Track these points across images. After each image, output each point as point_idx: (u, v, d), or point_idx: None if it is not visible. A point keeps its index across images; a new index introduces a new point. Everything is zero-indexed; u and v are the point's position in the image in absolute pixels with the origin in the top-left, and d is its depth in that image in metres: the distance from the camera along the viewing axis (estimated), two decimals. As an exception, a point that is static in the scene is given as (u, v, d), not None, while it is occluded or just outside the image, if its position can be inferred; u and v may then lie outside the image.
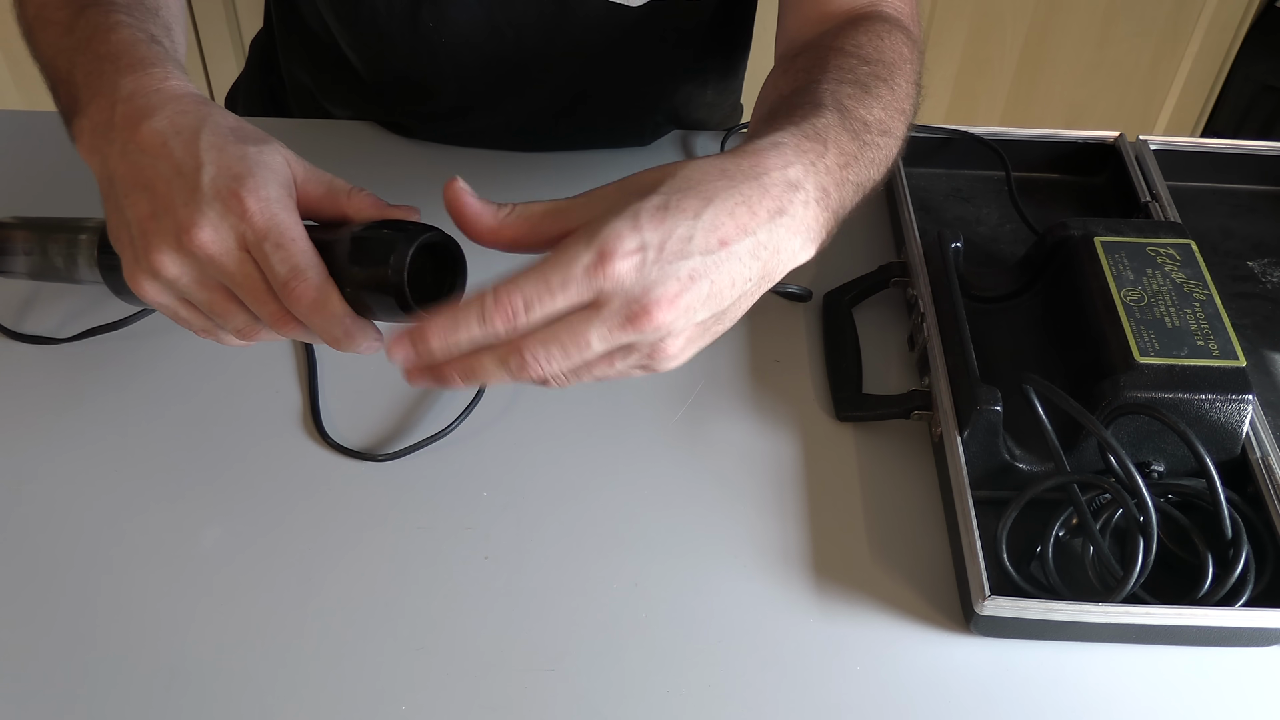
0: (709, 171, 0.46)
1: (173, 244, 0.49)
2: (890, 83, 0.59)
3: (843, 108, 0.54)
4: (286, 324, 0.50)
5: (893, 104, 0.58)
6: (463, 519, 0.61)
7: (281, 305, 0.49)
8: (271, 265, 0.48)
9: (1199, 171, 0.82)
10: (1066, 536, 0.59)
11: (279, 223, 0.48)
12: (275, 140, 0.52)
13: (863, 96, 0.56)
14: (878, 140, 0.55)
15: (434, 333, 0.45)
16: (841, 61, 0.59)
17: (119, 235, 0.52)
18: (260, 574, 0.58)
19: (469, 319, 0.44)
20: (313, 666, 0.54)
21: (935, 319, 0.66)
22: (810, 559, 0.60)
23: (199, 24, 1.68)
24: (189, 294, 0.51)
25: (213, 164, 0.49)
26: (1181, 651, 0.56)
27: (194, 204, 0.48)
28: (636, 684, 0.54)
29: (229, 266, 0.49)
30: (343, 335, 0.50)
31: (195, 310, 0.52)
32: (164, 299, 0.52)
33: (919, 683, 0.55)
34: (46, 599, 0.57)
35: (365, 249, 0.50)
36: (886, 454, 0.65)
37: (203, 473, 0.62)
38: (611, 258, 0.43)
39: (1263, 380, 0.68)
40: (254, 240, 0.48)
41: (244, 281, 0.49)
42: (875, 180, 0.56)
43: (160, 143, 0.50)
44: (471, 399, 0.66)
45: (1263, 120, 1.72)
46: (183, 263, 0.49)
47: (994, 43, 1.69)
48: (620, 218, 0.44)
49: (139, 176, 0.50)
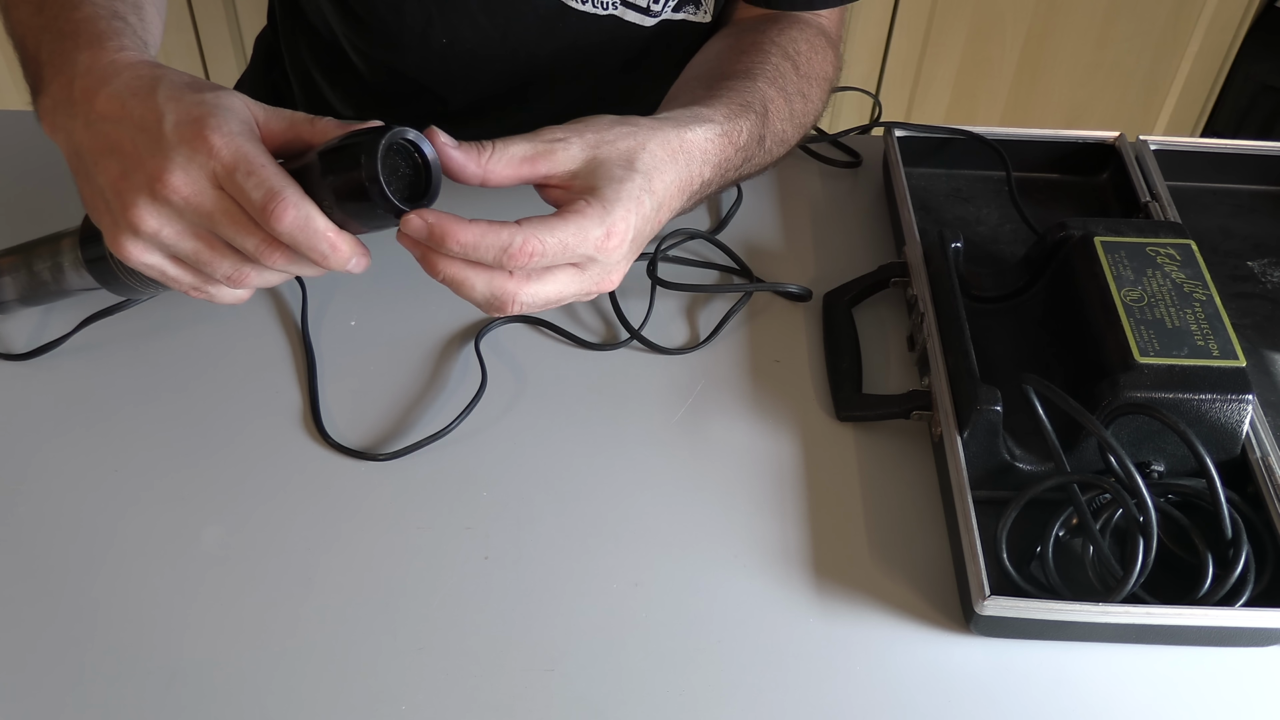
0: (667, 150, 0.56)
1: (147, 195, 0.49)
2: (807, 98, 0.71)
3: (766, 114, 0.65)
4: (272, 252, 0.50)
5: (802, 118, 0.71)
6: (463, 519, 0.61)
7: (265, 232, 0.50)
8: (246, 193, 0.49)
9: (1199, 171, 0.82)
10: (1066, 536, 0.59)
11: (245, 152, 0.49)
12: (229, 89, 0.53)
13: (783, 107, 0.68)
14: (773, 148, 0.68)
15: (453, 239, 0.48)
16: (780, 64, 0.69)
17: (95, 205, 0.52)
18: (260, 574, 0.58)
19: (491, 245, 0.49)
20: (313, 666, 0.54)
21: (935, 319, 0.66)
22: (810, 559, 0.60)
23: (199, 24, 1.68)
24: (173, 246, 0.51)
25: (172, 112, 0.50)
26: (1181, 651, 0.56)
27: (160, 153, 0.49)
28: (636, 684, 0.54)
29: (205, 205, 0.49)
30: (329, 250, 0.50)
31: (183, 266, 0.53)
32: (150, 258, 0.52)
33: (919, 683, 0.55)
34: (45, 598, 0.57)
35: (335, 158, 0.50)
36: (886, 454, 0.65)
37: (202, 472, 0.62)
38: (614, 236, 0.51)
39: (1263, 380, 0.68)
40: (225, 173, 0.49)
41: (222, 217, 0.49)
42: (753, 175, 0.68)
43: (119, 105, 0.51)
44: (471, 399, 0.66)
45: (1263, 120, 1.72)
46: (160, 212, 0.50)
47: (994, 43, 1.69)
48: (622, 199, 0.52)
49: (105, 142, 0.51)
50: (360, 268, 0.52)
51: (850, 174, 0.85)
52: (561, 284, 0.52)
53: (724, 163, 0.61)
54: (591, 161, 0.53)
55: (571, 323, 0.72)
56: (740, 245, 0.77)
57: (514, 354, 0.70)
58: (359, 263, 0.52)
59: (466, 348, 0.70)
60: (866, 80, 1.75)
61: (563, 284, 0.52)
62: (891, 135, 0.80)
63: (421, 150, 0.51)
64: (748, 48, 0.70)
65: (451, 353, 0.70)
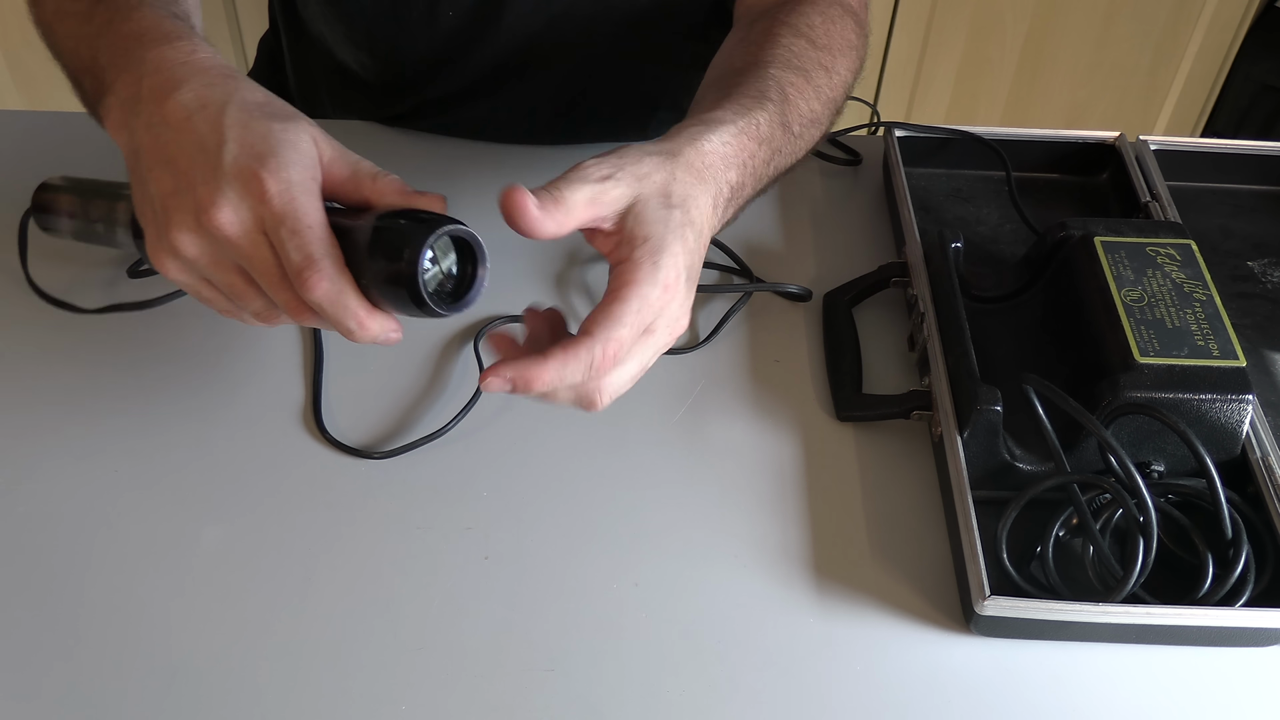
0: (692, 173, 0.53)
1: (192, 223, 0.48)
2: (831, 70, 0.66)
3: (784, 98, 0.61)
4: (301, 312, 0.50)
5: (828, 93, 0.65)
6: (462, 519, 0.61)
7: (296, 293, 0.49)
8: (287, 251, 0.47)
9: (1199, 171, 0.82)
10: (1066, 536, 0.59)
11: (297, 207, 0.47)
12: (304, 117, 0.51)
13: (804, 87, 0.63)
14: (805, 132, 0.63)
15: (538, 381, 0.47)
16: (792, 43, 0.65)
17: (143, 210, 0.51)
18: (260, 574, 0.58)
19: (575, 369, 0.47)
20: (312, 666, 0.54)
21: (935, 319, 0.66)
22: (810, 559, 0.60)
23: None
24: (208, 274, 0.50)
25: (235, 141, 0.48)
26: (1181, 651, 0.56)
27: (214, 182, 0.47)
28: (636, 684, 0.54)
29: (245, 249, 0.48)
30: (356, 327, 0.49)
31: (216, 291, 0.52)
32: (185, 277, 0.51)
33: (919, 682, 0.55)
34: (46, 598, 0.57)
35: (382, 240, 0.48)
36: (886, 454, 0.65)
37: (202, 470, 0.62)
38: (671, 288, 0.49)
39: (1263, 380, 0.68)
40: (271, 224, 0.47)
41: (259, 266, 0.49)
42: (794, 164, 0.64)
43: (185, 117, 0.49)
44: (470, 398, 0.66)
45: (1263, 120, 1.72)
46: (201, 243, 0.49)
47: (994, 43, 1.69)
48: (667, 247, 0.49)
49: (162, 151, 0.49)
50: (391, 343, 0.51)
51: (850, 174, 0.85)
52: (639, 357, 0.50)
53: (749, 160, 0.58)
54: (636, 201, 0.50)
55: (571, 322, 0.72)
56: (740, 245, 0.77)
57: (514, 354, 0.70)
58: (389, 339, 0.50)
59: (466, 347, 0.70)
60: (866, 80, 1.74)
61: (640, 356, 0.50)
62: (891, 135, 0.80)
63: (471, 245, 0.50)
64: (757, 38, 0.67)
65: (451, 352, 0.70)
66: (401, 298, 0.48)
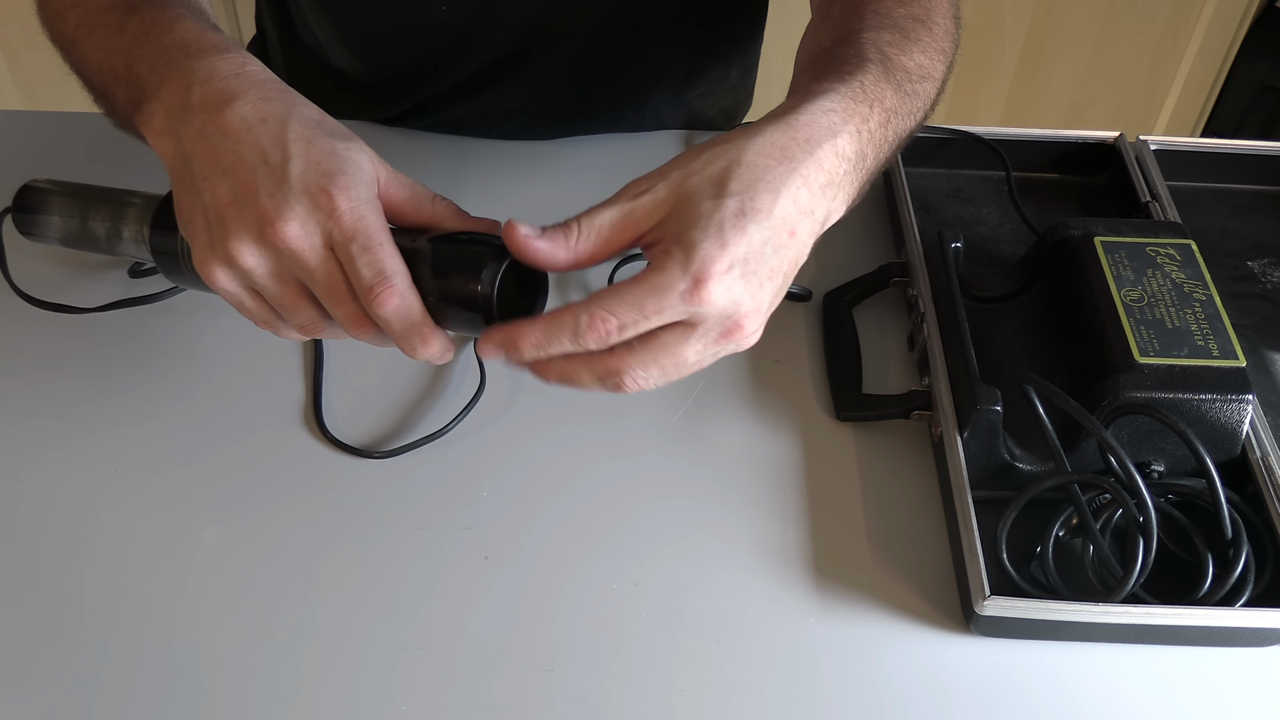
0: (770, 153, 0.47)
1: (254, 234, 0.48)
2: (928, 23, 0.60)
3: (885, 58, 0.55)
4: (361, 326, 0.49)
5: (932, 45, 0.59)
6: (463, 519, 0.61)
7: (358, 307, 0.49)
8: (357, 268, 0.47)
9: (1199, 171, 0.82)
10: (1066, 536, 0.59)
11: (368, 225, 0.47)
12: (358, 138, 0.51)
13: (903, 42, 0.57)
14: (918, 88, 0.56)
15: (525, 342, 0.46)
16: (878, 6, 0.59)
17: (192, 218, 0.50)
18: (260, 573, 0.58)
19: (560, 334, 0.45)
20: (313, 666, 0.54)
21: (935, 319, 0.66)
22: (810, 559, 0.60)
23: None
24: (262, 285, 0.50)
25: (301, 157, 0.48)
26: (1181, 651, 0.56)
27: (281, 196, 0.47)
28: (636, 684, 0.54)
29: (311, 264, 0.48)
30: (420, 344, 0.49)
31: (262, 302, 0.51)
32: (233, 287, 0.50)
33: (919, 683, 0.55)
34: (46, 598, 0.57)
35: (454, 261, 0.49)
36: (886, 454, 0.65)
37: (203, 469, 0.62)
38: (706, 282, 0.44)
39: (1263, 380, 0.68)
40: (341, 241, 0.47)
41: (324, 280, 0.48)
42: (913, 127, 0.57)
43: (244, 129, 0.49)
44: (471, 398, 0.66)
45: (1263, 120, 1.72)
46: (261, 254, 0.48)
47: (994, 43, 1.69)
48: (707, 237, 0.44)
49: (219, 160, 0.49)
50: (443, 360, 0.51)
51: (850, 174, 0.85)
52: (676, 349, 0.46)
53: (861, 126, 0.51)
54: (679, 201, 0.46)
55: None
56: (740, 245, 0.77)
57: (514, 354, 0.70)
58: (445, 358, 0.50)
59: (466, 347, 0.70)
60: (866, 80, 1.74)
61: (678, 348, 0.46)
62: (891, 135, 0.80)
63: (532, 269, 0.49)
64: (839, 14, 0.61)
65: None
66: (472, 319, 0.49)
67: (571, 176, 0.82)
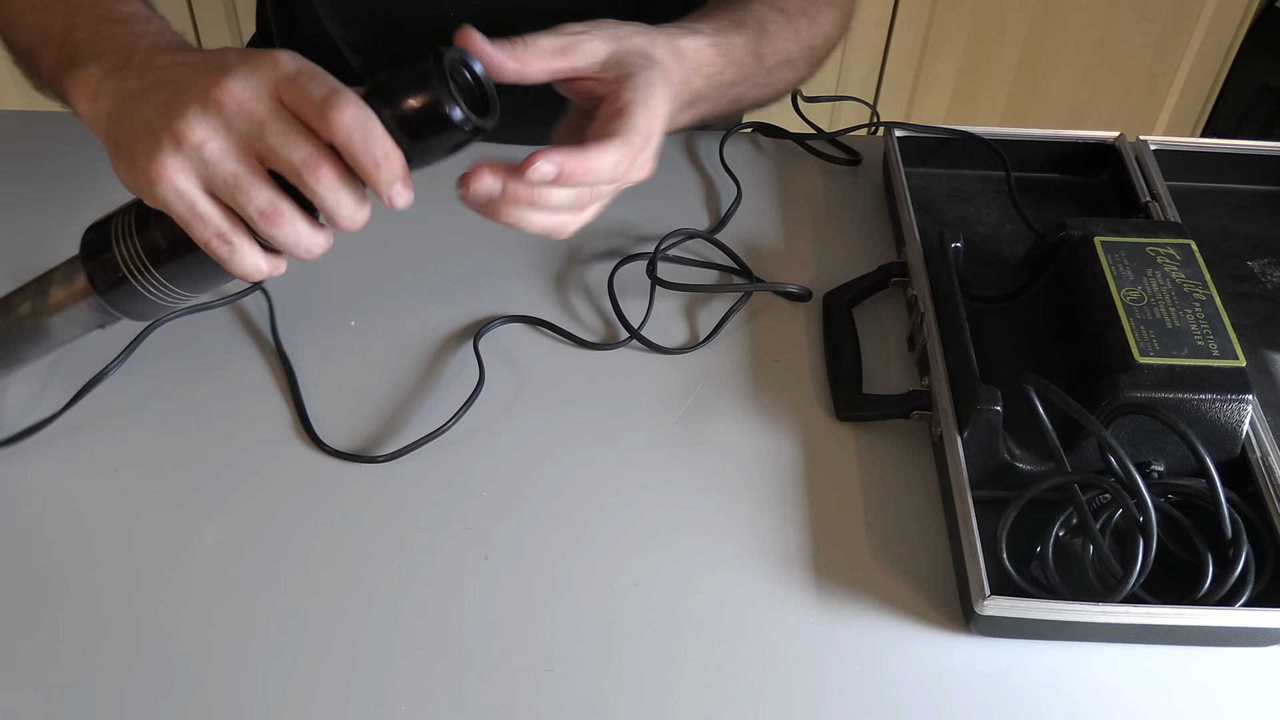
0: (668, 51, 0.58)
1: (199, 104, 0.47)
2: (813, 19, 0.71)
3: (763, 31, 0.66)
4: (319, 163, 0.48)
5: (807, 39, 0.70)
6: (463, 519, 0.61)
7: (316, 144, 0.48)
8: (308, 92, 0.47)
9: (1199, 171, 0.82)
10: (1066, 536, 0.59)
11: (310, 64, 0.48)
12: None
13: (783, 25, 0.68)
14: (777, 69, 0.68)
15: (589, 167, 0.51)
16: None
17: (134, 136, 0.49)
18: (261, 576, 0.58)
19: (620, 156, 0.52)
20: (313, 667, 0.54)
21: (935, 319, 0.66)
22: (810, 559, 0.60)
23: (199, 24, 1.68)
24: (214, 165, 0.48)
25: (235, 53, 0.50)
26: (1181, 651, 0.56)
27: (220, 70, 0.48)
28: (636, 684, 0.54)
29: (261, 113, 0.47)
30: (382, 158, 0.48)
31: (216, 205, 0.49)
32: (186, 185, 0.48)
33: (919, 683, 0.55)
34: (46, 599, 0.57)
35: (395, 82, 0.48)
36: (886, 454, 0.65)
37: (202, 480, 0.62)
38: (653, 140, 0.54)
39: (1263, 380, 0.68)
40: (287, 80, 0.48)
41: (276, 122, 0.48)
42: (760, 100, 0.70)
43: (181, 59, 0.50)
44: (469, 397, 0.66)
45: (1263, 120, 1.72)
46: (209, 122, 0.48)
47: (994, 43, 1.69)
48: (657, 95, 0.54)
49: (160, 79, 0.49)
50: (404, 200, 0.49)
51: (850, 173, 0.85)
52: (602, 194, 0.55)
53: (716, 75, 0.62)
54: (616, 53, 0.54)
55: (571, 322, 0.72)
56: (740, 245, 0.77)
57: (513, 353, 0.70)
58: (403, 191, 0.49)
59: (464, 347, 0.70)
60: (867, 80, 1.75)
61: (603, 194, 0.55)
62: (891, 135, 0.80)
63: (471, 68, 0.50)
64: None
65: (450, 353, 0.70)
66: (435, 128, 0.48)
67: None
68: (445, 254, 0.76)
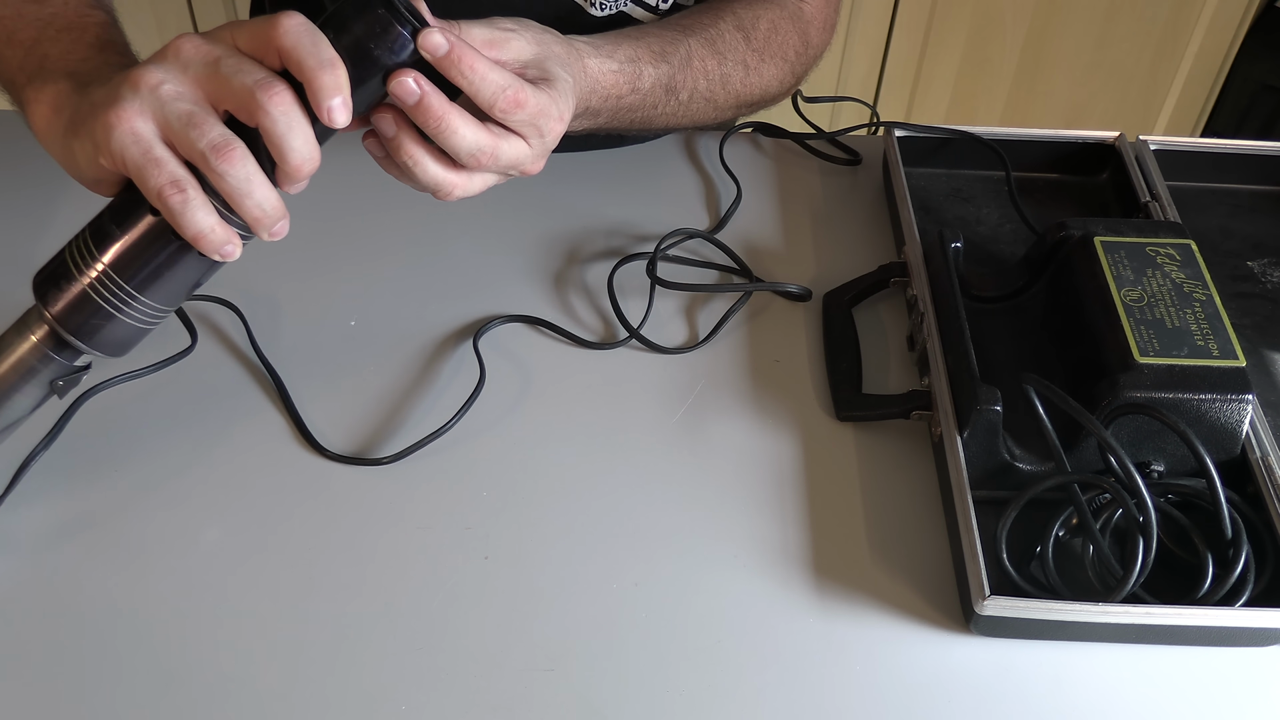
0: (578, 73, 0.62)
1: (158, 57, 0.50)
2: (754, 71, 0.74)
3: (688, 67, 0.70)
4: (271, 85, 0.48)
5: (741, 89, 0.74)
6: (463, 519, 0.61)
7: (266, 71, 0.49)
8: (258, 26, 0.49)
9: (1199, 171, 0.82)
10: (1066, 536, 0.59)
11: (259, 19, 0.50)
12: None
13: (714, 69, 0.72)
14: (694, 105, 0.72)
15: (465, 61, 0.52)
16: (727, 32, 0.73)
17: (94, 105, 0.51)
18: (261, 578, 0.58)
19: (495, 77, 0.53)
20: (313, 667, 0.54)
21: (935, 319, 0.66)
22: (810, 559, 0.60)
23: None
24: (168, 106, 0.49)
25: None
26: (1181, 651, 0.56)
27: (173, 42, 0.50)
28: (636, 684, 0.54)
29: (215, 51, 0.49)
30: (330, 64, 0.48)
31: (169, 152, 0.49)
32: (141, 125, 0.49)
33: (919, 683, 0.55)
34: (45, 600, 0.57)
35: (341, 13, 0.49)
36: (886, 454, 0.65)
37: (202, 488, 0.62)
38: (546, 138, 0.56)
39: (1263, 380, 0.68)
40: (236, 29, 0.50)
41: (230, 56, 0.49)
42: (673, 127, 0.74)
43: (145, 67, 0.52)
44: (469, 397, 0.66)
45: (1263, 120, 1.72)
46: (166, 67, 0.49)
47: (994, 43, 1.69)
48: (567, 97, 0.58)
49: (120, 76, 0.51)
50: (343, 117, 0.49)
51: (850, 173, 0.85)
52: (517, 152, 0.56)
53: (617, 99, 0.66)
54: (539, 55, 0.57)
55: (571, 322, 0.72)
56: (740, 245, 0.77)
57: (513, 353, 0.70)
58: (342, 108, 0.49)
59: (464, 347, 0.70)
60: (866, 79, 1.75)
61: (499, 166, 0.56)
62: (891, 135, 0.80)
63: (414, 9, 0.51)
64: (703, 11, 0.74)
65: (449, 353, 0.70)
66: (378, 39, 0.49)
67: (575, 188, 0.82)
68: (444, 254, 0.76)
